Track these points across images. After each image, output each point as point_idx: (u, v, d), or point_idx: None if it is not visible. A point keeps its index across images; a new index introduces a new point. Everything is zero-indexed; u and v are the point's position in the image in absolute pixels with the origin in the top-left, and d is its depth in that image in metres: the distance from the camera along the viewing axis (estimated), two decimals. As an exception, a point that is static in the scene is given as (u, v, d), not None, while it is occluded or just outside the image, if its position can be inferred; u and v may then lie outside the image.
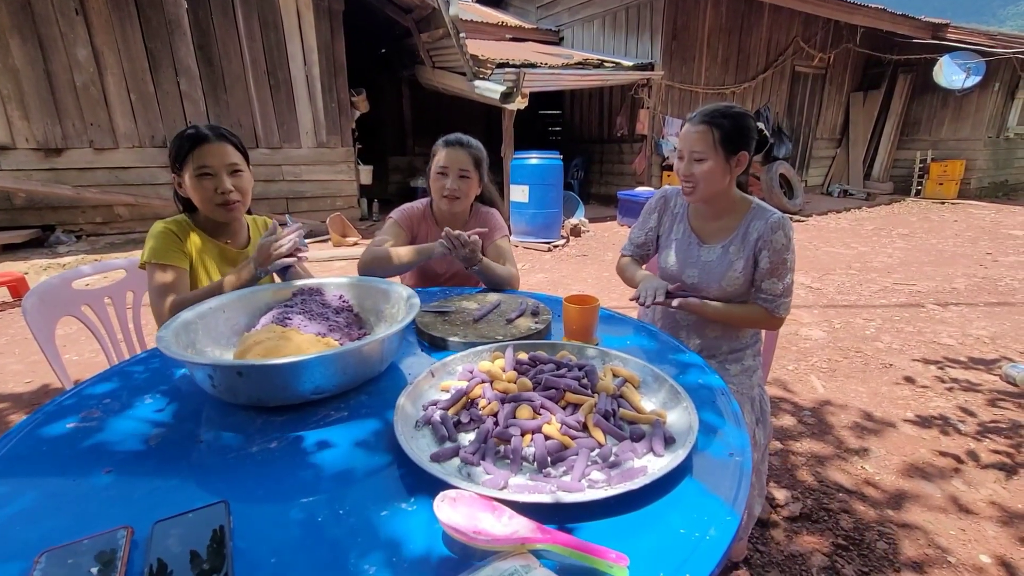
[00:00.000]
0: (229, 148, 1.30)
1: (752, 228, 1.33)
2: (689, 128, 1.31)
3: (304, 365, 0.79)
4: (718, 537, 0.57)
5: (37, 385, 2.55)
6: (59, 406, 0.88)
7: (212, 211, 1.31)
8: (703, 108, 1.32)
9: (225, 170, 1.29)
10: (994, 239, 6.15)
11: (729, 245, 1.36)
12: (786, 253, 1.29)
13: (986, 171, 9.98)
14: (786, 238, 1.29)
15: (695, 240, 1.42)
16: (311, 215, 6.29)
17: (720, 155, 1.28)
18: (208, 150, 1.27)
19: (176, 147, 1.28)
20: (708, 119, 1.28)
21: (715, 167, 1.28)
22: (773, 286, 1.31)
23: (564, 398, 0.82)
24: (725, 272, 1.35)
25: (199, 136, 1.27)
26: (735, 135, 1.28)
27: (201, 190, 1.28)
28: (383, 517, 0.60)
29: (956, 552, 1.49)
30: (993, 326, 3.33)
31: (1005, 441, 2.04)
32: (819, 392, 2.45)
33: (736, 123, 1.28)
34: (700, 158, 1.29)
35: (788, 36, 8.65)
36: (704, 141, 1.28)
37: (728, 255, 1.35)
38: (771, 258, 1.29)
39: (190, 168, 1.26)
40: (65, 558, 0.53)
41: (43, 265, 4.52)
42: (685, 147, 1.32)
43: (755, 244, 1.32)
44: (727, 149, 1.28)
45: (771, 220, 1.30)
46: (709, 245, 1.39)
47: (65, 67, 5.01)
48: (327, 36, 6.08)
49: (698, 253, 1.41)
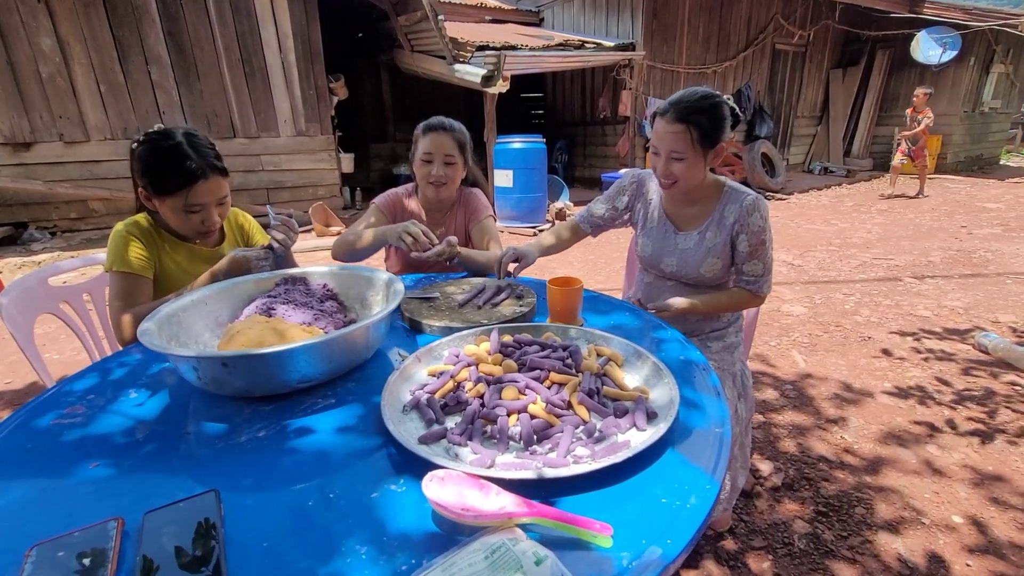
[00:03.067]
0: (221, 181, 1.22)
1: (727, 212, 1.33)
2: (665, 127, 1.25)
3: (290, 354, 0.79)
4: (698, 505, 0.59)
5: (18, 385, 2.51)
6: (42, 403, 0.88)
7: (191, 236, 1.28)
8: (676, 100, 1.24)
9: (214, 204, 1.23)
10: (969, 212, 6.29)
11: (705, 231, 1.35)
12: (764, 234, 1.30)
13: (962, 145, 10.16)
14: (762, 219, 1.30)
15: (671, 228, 1.41)
16: (292, 205, 6.19)
17: (699, 153, 1.25)
18: (203, 189, 1.18)
19: (160, 175, 1.15)
20: (684, 118, 1.22)
21: (695, 163, 1.26)
22: (754, 267, 1.32)
23: (549, 378, 0.83)
24: (703, 259, 1.35)
25: (193, 174, 1.15)
26: (713, 131, 1.24)
27: (187, 223, 1.22)
28: (373, 499, 0.61)
29: (930, 513, 1.56)
30: (967, 297, 3.43)
31: (978, 407, 2.11)
32: (800, 366, 2.51)
33: (713, 116, 1.23)
34: (679, 158, 1.25)
35: (768, 13, 8.64)
36: (683, 142, 1.23)
37: (705, 241, 1.35)
38: (749, 240, 1.30)
39: (178, 202, 1.17)
40: (56, 551, 0.53)
41: (17, 263, 4.41)
42: (662, 147, 1.27)
43: (731, 228, 1.32)
44: (706, 146, 1.25)
45: (746, 203, 1.30)
46: (685, 232, 1.39)
47: (29, 57, 4.83)
48: (302, 21, 5.93)
49: (675, 240, 1.40)
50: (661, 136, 1.27)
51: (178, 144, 1.15)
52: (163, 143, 1.15)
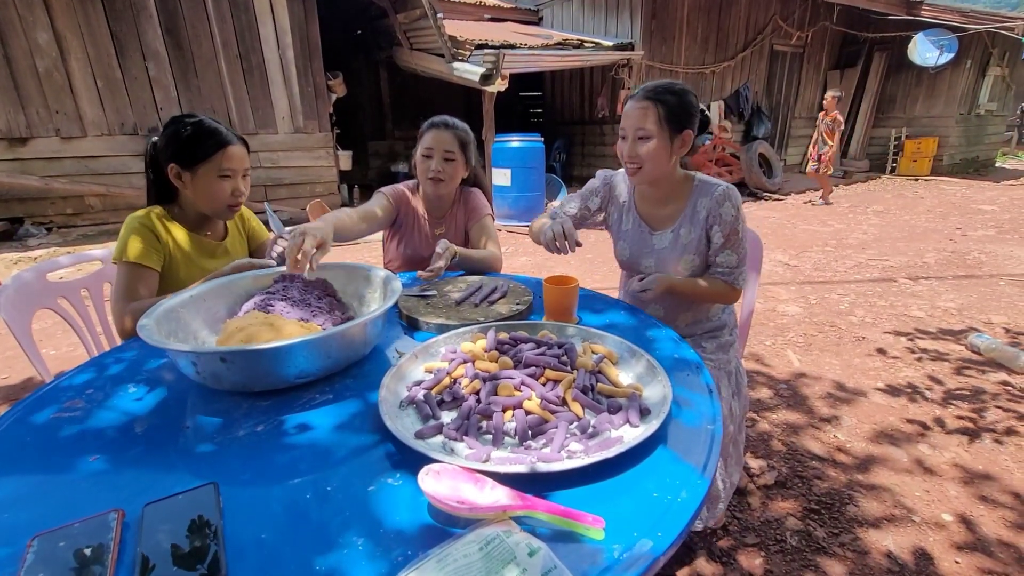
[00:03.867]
0: (246, 151, 1.33)
1: (699, 206, 1.32)
2: (632, 105, 1.27)
3: (288, 350, 0.80)
4: (688, 499, 0.60)
5: (14, 380, 2.51)
6: (40, 397, 0.88)
7: (218, 211, 1.33)
8: (645, 85, 1.27)
9: (241, 173, 1.31)
10: (964, 214, 6.33)
11: (679, 228, 1.35)
12: (737, 224, 1.29)
13: (958, 147, 10.21)
14: (735, 208, 1.28)
15: (646, 228, 1.40)
16: (290, 202, 6.18)
17: (665, 133, 1.24)
18: (234, 153, 1.28)
19: (194, 143, 1.23)
20: (652, 95, 1.24)
21: (660, 146, 1.25)
22: (728, 258, 1.31)
23: (544, 375, 0.84)
24: (680, 256, 1.35)
25: (225, 138, 1.26)
26: (680, 112, 1.24)
27: (219, 191, 1.28)
28: (370, 492, 0.62)
29: (920, 511, 1.58)
30: (961, 298, 3.45)
31: (969, 407, 2.14)
32: (795, 366, 2.53)
33: (681, 99, 1.24)
34: (645, 136, 1.25)
35: (766, 14, 8.66)
36: (649, 118, 1.23)
37: (680, 239, 1.34)
38: (723, 231, 1.29)
39: (211, 167, 1.25)
40: (57, 541, 0.54)
41: (13, 259, 4.40)
42: (629, 125, 1.27)
43: (705, 221, 1.31)
44: (672, 127, 1.24)
45: (716, 194, 1.29)
46: (660, 231, 1.38)
47: (25, 52, 4.80)
48: (300, 17, 5.92)
49: (651, 241, 1.39)
50: (628, 115, 1.27)
51: (203, 119, 1.26)
52: (189, 120, 1.25)
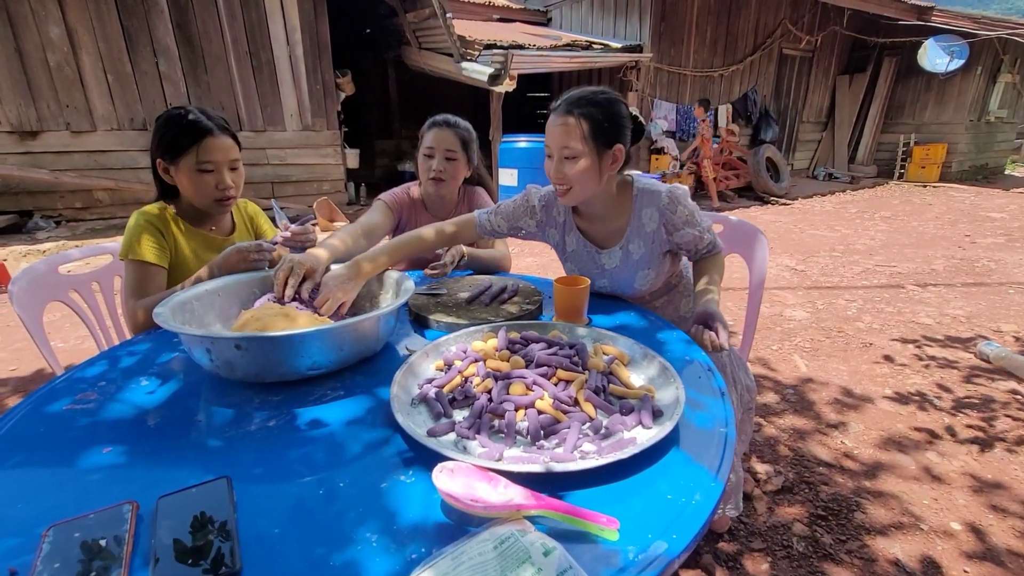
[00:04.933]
0: (230, 142, 1.27)
1: (645, 218, 1.22)
2: (554, 120, 1.13)
3: (302, 339, 0.81)
4: (703, 502, 0.60)
5: (23, 372, 2.53)
6: (52, 389, 0.89)
7: (208, 206, 1.29)
8: (568, 95, 1.14)
9: (226, 165, 1.26)
10: (973, 221, 6.28)
11: (627, 244, 1.25)
12: (694, 215, 1.21)
13: (967, 154, 10.15)
14: (686, 207, 1.20)
15: (592, 248, 1.29)
16: (297, 199, 6.21)
17: (592, 150, 1.11)
18: (213, 145, 1.23)
19: (173, 136, 1.21)
20: (573, 108, 1.11)
21: (589, 165, 1.12)
22: (700, 239, 1.23)
23: (556, 375, 0.84)
24: (634, 273, 1.26)
25: (203, 128, 1.21)
26: (608, 126, 1.11)
27: (201, 185, 1.24)
28: (383, 488, 0.62)
29: (928, 520, 1.56)
30: (969, 306, 3.43)
31: (978, 415, 2.12)
32: (801, 371, 2.52)
33: (608, 111, 1.11)
34: (571, 155, 1.11)
35: (776, 18, 8.64)
36: (572, 135, 1.10)
37: (630, 255, 1.25)
38: (690, 227, 1.21)
39: (189, 161, 1.22)
40: (72, 531, 0.54)
41: (22, 251, 4.42)
42: (552, 143, 1.14)
43: (657, 233, 1.22)
44: (600, 143, 1.12)
45: (663, 203, 1.20)
46: (608, 250, 1.28)
47: (37, 46, 4.84)
48: (310, 15, 5.94)
49: (600, 261, 1.29)
50: (550, 132, 1.14)
51: (189, 110, 1.24)
52: (175, 111, 1.24)
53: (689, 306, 1.42)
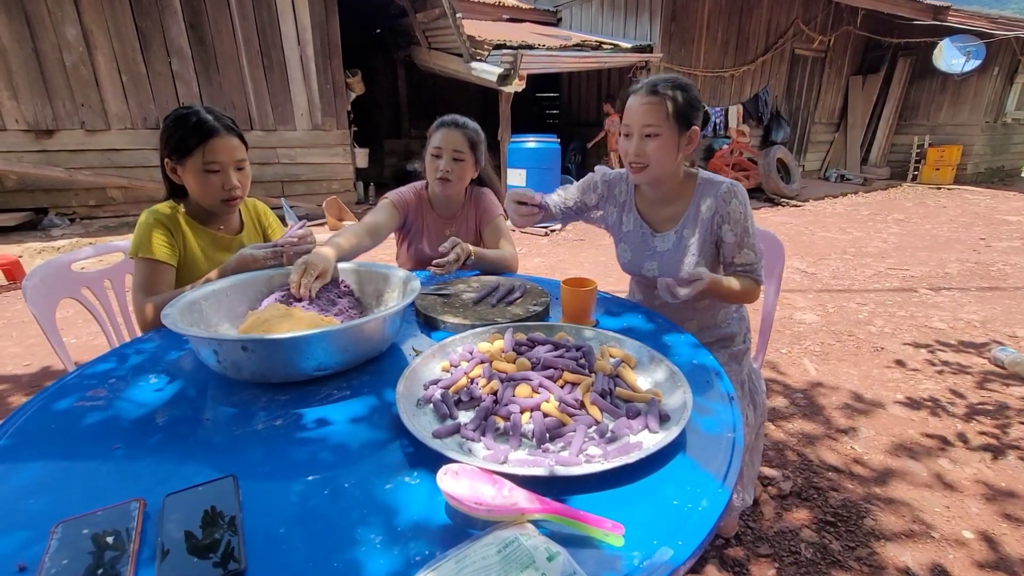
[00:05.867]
0: (236, 142, 1.27)
1: (703, 206, 1.27)
2: (636, 101, 1.20)
3: (308, 340, 0.81)
4: (710, 508, 0.59)
5: (36, 368, 2.56)
6: (63, 386, 0.90)
7: (214, 205, 1.29)
8: (648, 79, 1.22)
9: (232, 166, 1.26)
10: (988, 225, 6.19)
11: (682, 229, 1.30)
12: (746, 221, 1.25)
13: (983, 156, 9.99)
14: (742, 205, 1.25)
15: (648, 230, 1.35)
16: (307, 198, 6.24)
17: (674, 130, 1.19)
18: (219, 145, 1.23)
19: (180, 136, 1.22)
20: (659, 90, 1.18)
21: (668, 143, 1.20)
22: (746, 256, 1.27)
23: (562, 377, 0.84)
24: (683, 259, 1.29)
25: (209, 129, 1.22)
26: (687, 108, 1.19)
27: (207, 185, 1.25)
28: (387, 490, 0.62)
29: (940, 528, 1.54)
30: (984, 310, 3.38)
31: (991, 422, 2.08)
32: (811, 375, 2.49)
33: (688, 95, 1.20)
34: (653, 133, 1.19)
35: (788, 18, 8.55)
36: (655, 113, 1.18)
37: (683, 240, 1.30)
38: (734, 230, 1.25)
39: (196, 161, 1.22)
40: (80, 528, 0.55)
41: (37, 248, 4.49)
42: (634, 122, 1.21)
43: (711, 221, 1.27)
44: (680, 123, 1.19)
45: (721, 192, 1.25)
46: (662, 233, 1.33)
47: (54, 46, 4.91)
48: (321, 15, 5.97)
49: (653, 244, 1.34)
50: (634, 111, 1.21)
51: (196, 110, 1.24)
52: (183, 111, 1.24)
53: (727, 316, 1.43)
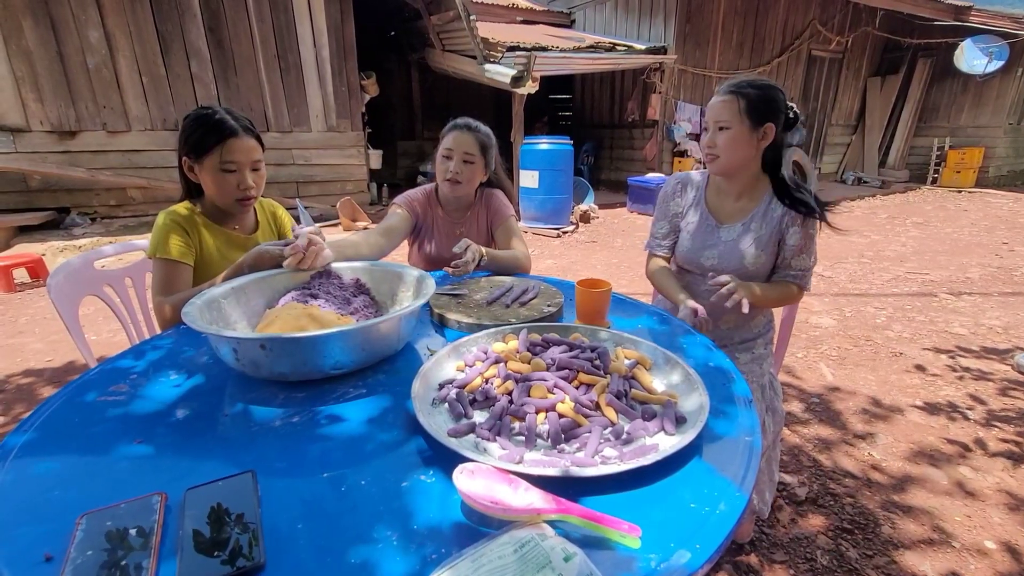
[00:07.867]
0: (254, 143, 1.30)
1: (774, 204, 1.33)
2: (715, 99, 1.31)
3: (325, 339, 0.82)
4: (727, 512, 0.59)
5: (59, 363, 2.62)
6: (86, 381, 0.91)
7: (228, 205, 1.31)
8: (731, 80, 1.32)
9: (249, 166, 1.29)
10: (1011, 228, 6.05)
11: (750, 223, 1.35)
12: (812, 228, 1.31)
13: (1005, 159, 9.77)
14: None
15: (712, 221, 1.41)
16: (321, 199, 6.30)
17: (745, 124, 1.27)
18: (236, 146, 1.25)
19: (199, 136, 1.24)
20: (734, 89, 1.28)
21: (738, 136, 1.27)
22: (803, 261, 1.33)
23: (577, 378, 0.83)
24: (747, 251, 1.34)
25: (227, 129, 1.24)
26: (761, 105, 1.26)
27: (224, 184, 1.27)
28: (403, 488, 0.63)
29: (961, 537, 1.51)
30: (1007, 316, 3.30)
31: (1014, 430, 2.04)
32: (828, 379, 2.45)
33: (763, 94, 1.26)
34: (724, 126, 1.28)
35: (805, 19, 8.46)
36: (729, 110, 1.27)
37: (750, 232, 1.35)
38: (800, 233, 1.31)
39: (213, 160, 1.25)
40: (104, 520, 0.56)
41: (59, 247, 4.59)
42: (710, 118, 1.32)
43: (780, 221, 1.32)
44: (752, 119, 1.26)
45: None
46: (728, 225, 1.38)
47: (77, 49, 5.02)
48: (337, 18, 6.03)
49: (717, 234, 1.39)
50: (711, 108, 1.32)
51: (215, 110, 1.27)
52: (202, 111, 1.27)
53: (760, 324, 1.45)
